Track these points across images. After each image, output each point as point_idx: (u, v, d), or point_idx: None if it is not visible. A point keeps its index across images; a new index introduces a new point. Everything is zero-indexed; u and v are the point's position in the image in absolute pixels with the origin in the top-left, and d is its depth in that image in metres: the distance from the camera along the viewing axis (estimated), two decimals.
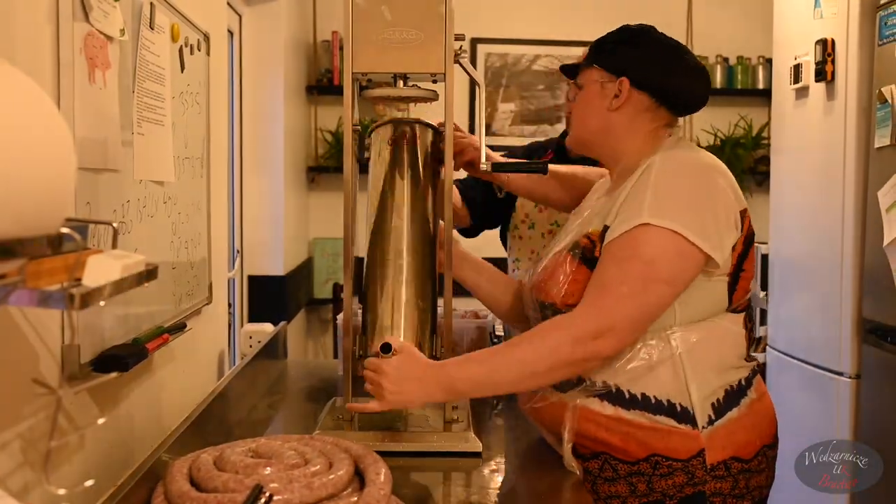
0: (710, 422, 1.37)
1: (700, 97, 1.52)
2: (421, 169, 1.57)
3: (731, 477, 1.38)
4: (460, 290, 1.63)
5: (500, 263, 1.89)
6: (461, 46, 1.49)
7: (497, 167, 1.60)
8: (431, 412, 1.60)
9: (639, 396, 1.37)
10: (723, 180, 1.40)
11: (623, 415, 1.37)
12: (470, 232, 2.21)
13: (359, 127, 1.55)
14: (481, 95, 1.59)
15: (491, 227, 2.24)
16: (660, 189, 1.36)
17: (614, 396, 1.38)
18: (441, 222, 1.62)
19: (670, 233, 1.32)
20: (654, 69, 1.48)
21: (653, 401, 1.36)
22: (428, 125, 1.61)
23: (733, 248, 1.38)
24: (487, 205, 2.11)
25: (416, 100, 1.52)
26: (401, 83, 1.52)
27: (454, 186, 1.78)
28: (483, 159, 1.57)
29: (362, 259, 1.60)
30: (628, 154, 1.48)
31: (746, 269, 1.42)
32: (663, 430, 1.35)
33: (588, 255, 1.41)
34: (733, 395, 1.41)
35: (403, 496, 1.18)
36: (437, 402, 1.46)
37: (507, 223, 2.20)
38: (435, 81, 1.55)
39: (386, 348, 1.40)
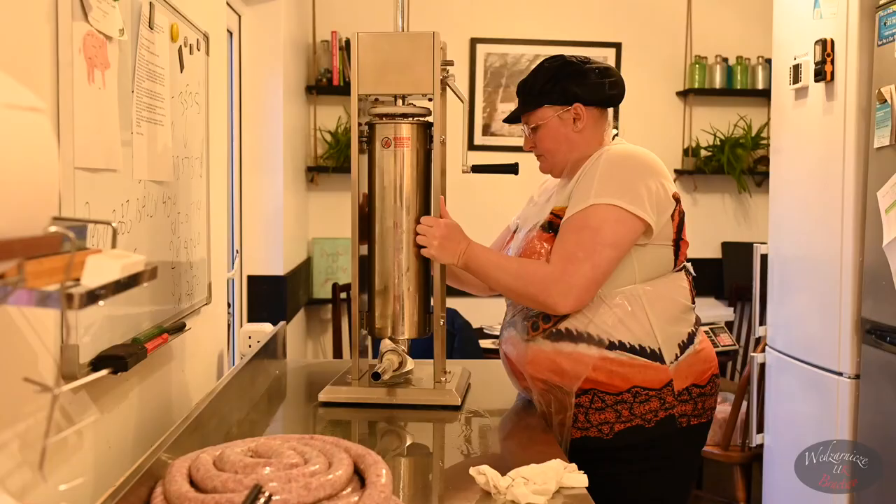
0: (676, 358, 1.73)
1: (620, 87, 1.85)
2: (414, 168, 1.83)
3: (692, 400, 1.75)
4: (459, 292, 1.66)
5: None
6: (448, 71, 1.81)
7: (475, 169, 1.92)
8: (425, 375, 1.88)
9: (616, 342, 1.70)
10: (656, 166, 1.76)
11: (607, 355, 1.70)
12: None
13: (365, 138, 1.83)
14: (465, 110, 2.02)
15: None
16: (604, 176, 1.71)
17: (597, 342, 1.71)
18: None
19: (611, 206, 1.67)
20: (593, 85, 1.80)
21: (628, 345, 1.70)
22: (423, 124, 1.84)
23: (672, 218, 1.75)
24: None
25: (413, 116, 1.82)
26: (399, 101, 1.83)
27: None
28: (464, 162, 1.91)
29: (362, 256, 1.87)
30: (588, 156, 1.80)
31: (683, 239, 1.80)
32: (639, 366, 1.70)
33: (556, 227, 1.75)
34: (690, 337, 1.78)
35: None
36: (453, 265, 1.79)
37: None
38: (430, 100, 1.85)
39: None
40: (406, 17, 1.85)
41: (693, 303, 1.82)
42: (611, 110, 1.88)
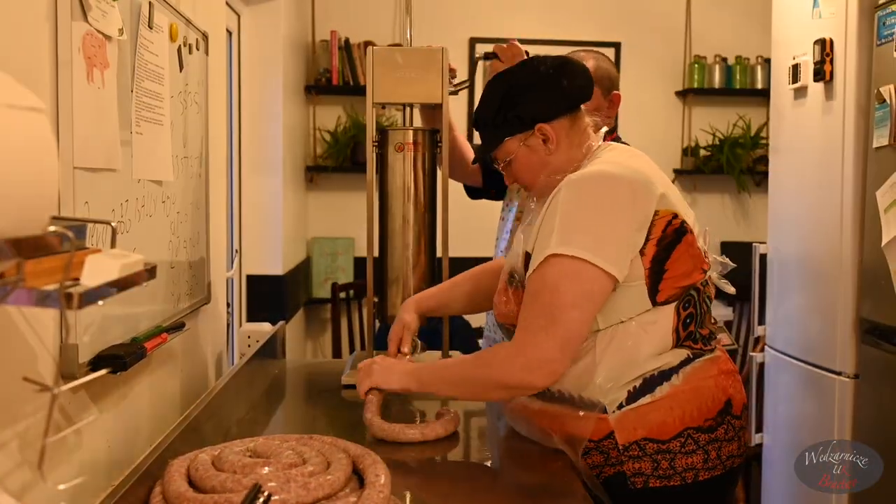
0: (620, 406, 1.46)
1: (580, 79, 1.59)
2: (422, 170, 2.01)
3: (647, 457, 1.45)
4: None
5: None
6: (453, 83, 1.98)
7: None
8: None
9: (556, 393, 1.50)
10: (626, 188, 1.46)
11: (546, 407, 1.52)
12: (479, 193, 2.40)
13: (377, 143, 1.99)
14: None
15: (498, 191, 2.36)
16: (565, 217, 1.45)
17: (543, 394, 1.52)
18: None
19: (571, 259, 1.41)
20: (548, 95, 1.57)
21: (566, 395, 1.49)
22: (430, 131, 2.02)
23: (642, 253, 1.45)
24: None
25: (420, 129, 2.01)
26: (409, 110, 2.04)
27: (469, 146, 2.31)
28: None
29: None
30: (569, 170, 1.55)
31: (670, 268, 1.48)
32: (574, 415, 1.47)
33: (519, 279, 1.54)
34: (652, 382, 1.47)
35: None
36: (408, 388, 1.62)
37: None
38: (433, 108, 2.02)
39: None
40: (410, 26, 1.91)
41: (680, 344, 1.51)
42: (586, 106, 1.64)
